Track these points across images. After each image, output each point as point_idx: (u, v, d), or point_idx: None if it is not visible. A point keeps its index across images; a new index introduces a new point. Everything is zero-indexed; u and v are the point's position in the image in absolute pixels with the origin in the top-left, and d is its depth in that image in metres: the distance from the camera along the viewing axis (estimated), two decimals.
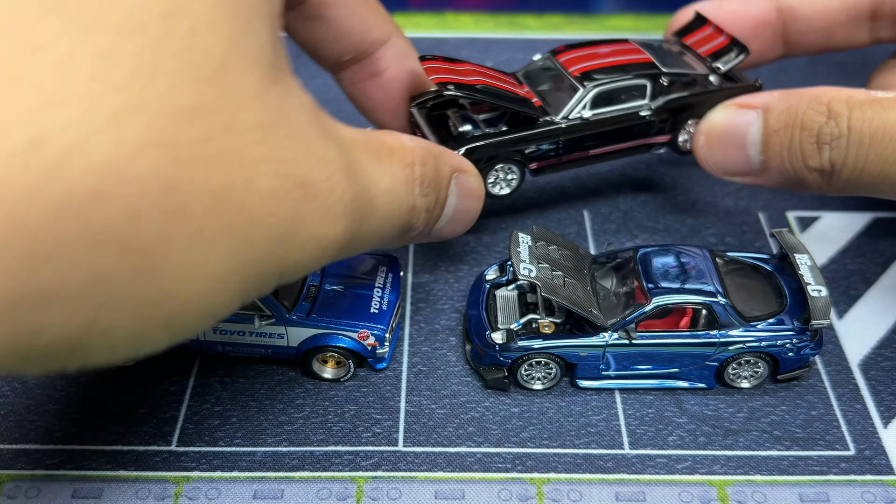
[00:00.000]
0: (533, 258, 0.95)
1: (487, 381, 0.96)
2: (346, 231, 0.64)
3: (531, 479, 0.89)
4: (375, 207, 0.70)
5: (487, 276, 1.03)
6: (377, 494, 0.87)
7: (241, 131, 0.51)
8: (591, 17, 1.66)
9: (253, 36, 0.55)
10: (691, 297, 0.93)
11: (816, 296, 0.92)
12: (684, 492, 0.88)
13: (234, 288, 0.55)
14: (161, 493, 0.87)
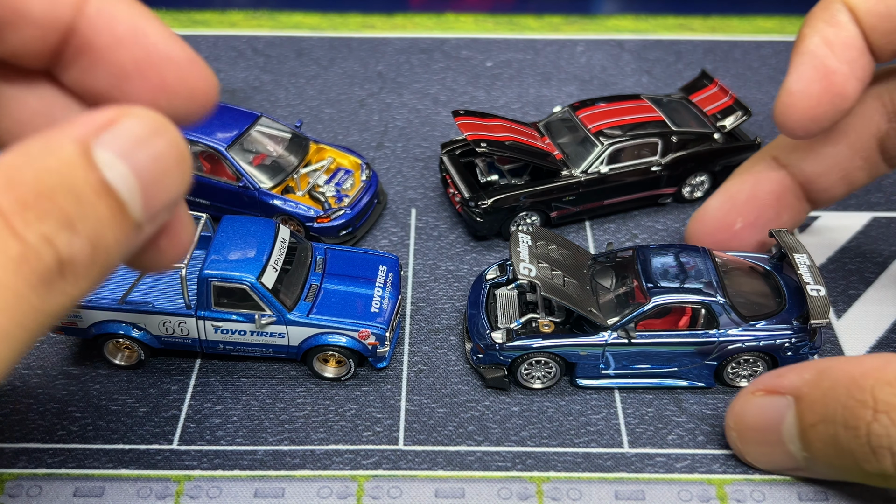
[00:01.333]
0: (533, 257, 0.95)
1: (487, 380, 0.96)
2: None
3: (531, 478, 0.89)
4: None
5: (487, 275, 1.03)
6: (378, 493, 0.87)
7: None
8: (591, 17, 1.66)
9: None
10: (690, 296, 0.93)
11: (815, 295, 0.92)
12: (683, 490, 0.88)
13: None
14: (162, 491, 0.87)
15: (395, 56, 1.55)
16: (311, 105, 1.43)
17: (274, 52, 1.56)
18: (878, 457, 0.72)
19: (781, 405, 0.81)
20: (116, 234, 0.55)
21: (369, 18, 1.65)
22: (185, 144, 0.60)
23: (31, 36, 0.65)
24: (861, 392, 0.73)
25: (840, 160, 0.98)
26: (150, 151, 0.57)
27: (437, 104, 1.43)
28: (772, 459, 0.86)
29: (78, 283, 0.53)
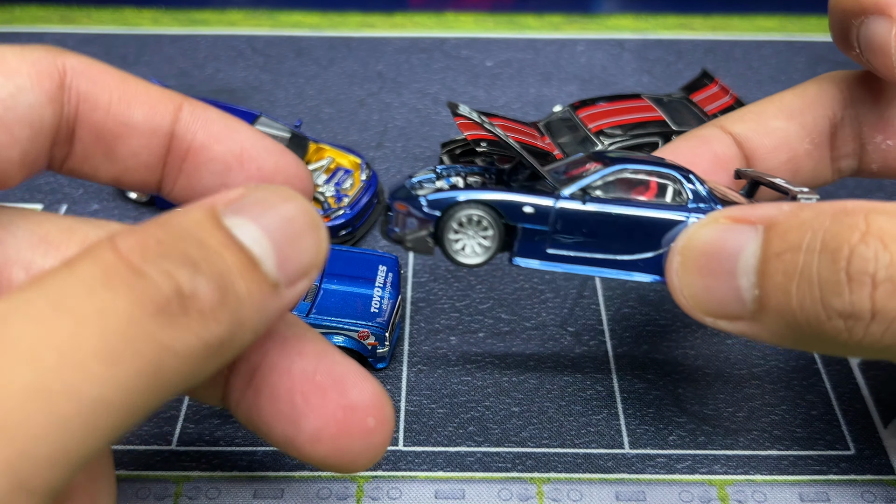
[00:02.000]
0: (478, 113, 0.82)
1: (407, 242, 0.78)
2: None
3: (531, 479, 0.89)
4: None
5: (414, 176, 0.86)
6: (377, 494, 0.87)
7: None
8: (592, 16, 1.66)
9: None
10: (658, 166, 0.79)
11: (809, 199, 0.78)
12: (684, 491, 0.88)
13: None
14: (161, 492, 0.87)
15: (395, 55, 1.55)
16: (310, 104, 1.43)
17: (273, 52, 1.55)
18: (854, 286, 0.61)
19: (746, 233, 0.69)
20: (249, 285, 0.57)
21: (369, 17, 1.65)
22: (317, 214, 0.64)
23: (138, 146, 0.73)
24: (852, 217, 0.62)
25: (790, 139, 0.92)
26: (281, 214, 0.61)
27: (436, 104, 1.43)
28: (713, 296, 0.70)
29: (205, 322, 0.54)
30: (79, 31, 1.61)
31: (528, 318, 1.06)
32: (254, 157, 0.73)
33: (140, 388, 0.51)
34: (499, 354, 1.02)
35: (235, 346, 0.57)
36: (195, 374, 0.55)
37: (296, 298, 0.62)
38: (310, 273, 0.62)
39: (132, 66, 1.51)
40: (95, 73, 0.71)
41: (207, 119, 0.74)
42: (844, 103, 0.92)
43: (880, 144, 0.92)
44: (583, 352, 1.03)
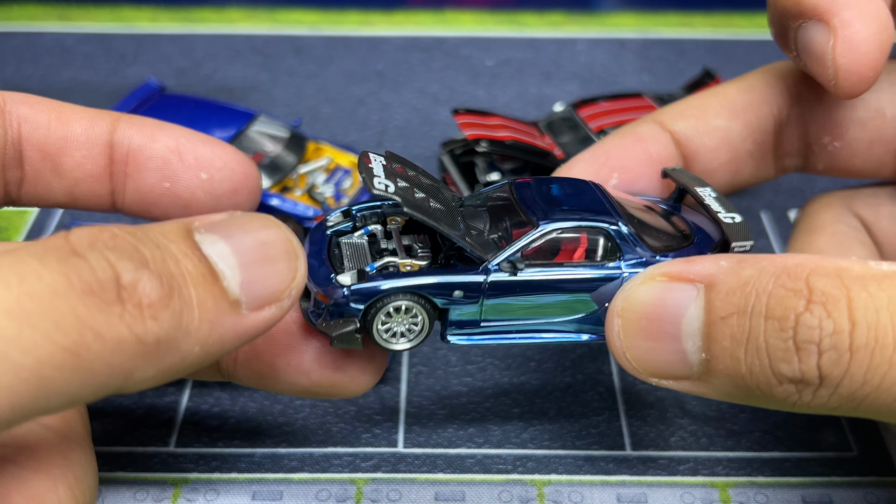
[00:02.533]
0: (389, 174, 0.73)
1: (333, 339, 0.72)
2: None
3: (532, 481, 0.88)
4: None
5: (329, 221, 0.80)
6: (377, 496, 0.87)
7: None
8: (593, 14, 1.65)
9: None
10: (586, 221, 0.74)
11: (731, 222, 0.77)
12: (686, 493, 0.87)
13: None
14: (159, 494, 0.86)
15: (395, 54, 1.54)
16: (309, 104, 1.42)
17: (272, 50, 1.55)
18: (802, 354, 0.61)
19: (687, 293, 0.67)
20: (203, 295, 0.58)
21: (368, 16, 1.64)
22: (299, 245, 0.65)
23: (81, 157, 0.79)
24: (794, 280, 0.62)
25: (731, 138, 0.89)
26: (256, 237, 0.62)
27: (436, 103, 1.42)
28: (659, 359, 0.68)
29: (141, 316, 0.54)
30: (76, 29, 1.60)
31: None
32: (189, 148, 0.80)
33: (56, 361, 0.51)
34: (499, 355, 1.02)
35: (180, 354, 0.57)
36: (129, 370, 0.55)
37: (262, 324, 0.62)
38: (280, 301, 0.62)
39: (130, 65, 1.51)
40: (32, 100, 0.79)
41: (142, 124, 0.81)
42: (791, 101, 0.88)
43: (827, 146, 0.89)
44: (584, 353, 1.02)
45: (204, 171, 0.80)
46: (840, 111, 0.87)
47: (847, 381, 0.61)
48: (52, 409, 0.53)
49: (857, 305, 0.60)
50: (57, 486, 0.63)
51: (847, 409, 0.64)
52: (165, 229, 0.60)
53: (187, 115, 1.18)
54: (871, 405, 0.62)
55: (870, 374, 0.60)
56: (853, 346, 0.60)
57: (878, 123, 0.86)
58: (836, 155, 0.89)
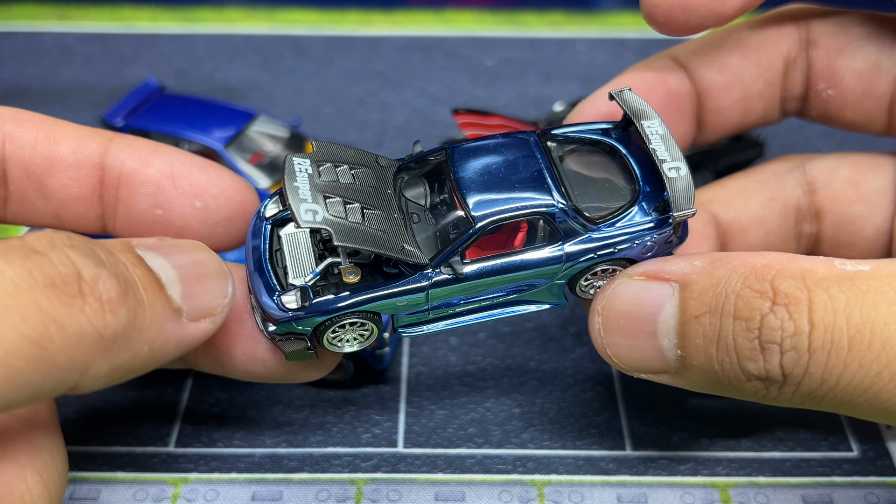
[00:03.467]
0: (316, 192, 0.70)
1: (288, 355, 0.74)
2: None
3: (532, 481, 0.88)
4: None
5: (266, 211, 0.77)
6: (377, 496, 0.86)
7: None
8: (593, 14, 1.65)
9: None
10: (523, 208, 0.72)
11: (674, 176, 0.73)
12: (686, 493, 0.87)
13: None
14: (159, 494, 0.86)
15: (395, 54, 1.54)
16: (309, 103, 1.42)
17: (272, 50, 1.55)
18: (766, 354, 0.64)
19: (663, 292, 0.70)
20: (152, 298, 0.61)
21: (368, 15, 1.64)
22: (227, 269, 0.70)
23: (67, 178, 0.76)
24: (760, 282, 0.65)
25: (743, 76, 0.89)
26: (190, 257, 0.67)
27: (436, 102, 1.42)
28: (637, 355, 0.72)
29: (102, 311, 0.57)
30: (76, 29, 1.60)
31: (529, 319, 1.06)
32: (184, 174, 0.76)
33: (23, 352, 0.52)
34: (499, 356, 1.01)
35: (131, 352, 0.60)
36: (87, 363, 0.57)
37: (199, 335, 0.66)
38: (214, 315, 0.67)
39: (130, 65, 1.51)
40: (24, 117, 0.76)
41: (136, 147, 0.77)
42: (800, 43, 0.89)
43: (822, 92, 0.90)
44: (584, 353, 1.02)
45: (198, 198, 0.77)
46: (839, 59, 0.88)
47: (807, 380, 0.64)
48: (17, 402, 0.55)
49: (816, 308, 0.62)
50: (24, 473, 0.64)
51: (812, 405, 0.67)
52: (110, 243, 0.63)
53: (187, 115, 1.18)
54: (831, 402, 0.65)
55: (827, 373, 0.63)
56: (811, 348, 0.62)
57: (873, 77, 0.87)
58: (830, 103, 0.90)
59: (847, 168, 0.91)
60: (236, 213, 0.78)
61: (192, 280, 0.66)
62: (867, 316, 0.62)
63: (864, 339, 0.61)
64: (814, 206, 0.91)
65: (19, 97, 1.42)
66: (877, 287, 0.63)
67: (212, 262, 0.69)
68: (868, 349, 0.61)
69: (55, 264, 0.56)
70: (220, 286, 0.68)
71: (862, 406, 0.64)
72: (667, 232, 0.75)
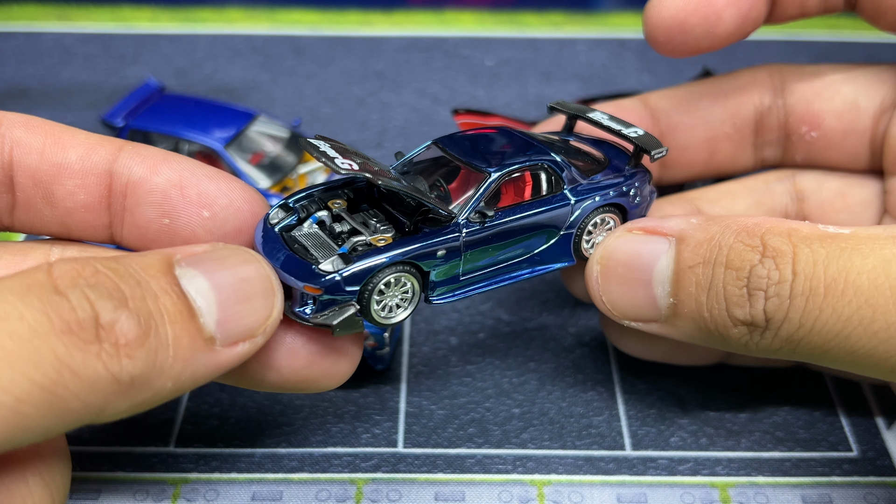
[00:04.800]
0: (343, 153, 0.74)
1: (335, 327, 0.72)
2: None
3: (532, 481, 0.88)
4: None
5: (272, 220, 0.78)
6: (376, 496, 0.86)
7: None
8: (593, 14, 1.65)
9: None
10: (529, 160, 0.79)
11: (636, 135, 0.83)
12: (686, 493, 0.87)
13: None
14: (159, 494, 0.86)
15: (395, 54, 1.54)
16: (309, 104, 1.42)
17: (272, 50, 1.55)
18: (753, 300, 0.70)
19: (660, 245, 0.76)
20: (178, 332, 0.60)
21: (368, 16, 1.64)
22: (276, 283, 0.67)
23: (74, 186, 0.75)
24: (751, 237, 0.71)
25: (710, 118, 0.95)
26: (236, 274, 0.65)
27: (436, 103, 1.42)
28: (631, 302, 0.77)
29: (118, 356, 0.56)
30: (76, 29, 1.60)
31: (529, 319, 1.06)
32: (193, 183, 0.74)
33: (34, 399, 0.52)
34: (499, 356, 1.01)
35: (152, 390, 0.59)
36: (102, 406, 0.56)
37: (235, 359, 0.64)
38: (254, 337, 0.65)
39: (130, 65, 1.51)
40: (33, 123, 0.74)
41: (145, 155, 0.76)
42: (773, 92, 0.94)
43: (805, 135, 0.94)
44: (584, 353, 1.02)
45: (206, 208, 0.74)
46: (817, 103, 0.93)
47: (786, 324, 0.70)
48: (27, 442, 0.54)
49: (799, 259, 0.69)
50: (26, 476, 0.63)
51: (787, 352, 0.72)
52: (146, 262, 0.61)
53: (187, 115, 1.18)
54: (805, 348, 0.70)
55: (804, 318, 0.69)
56: (792, 294, 0.69)
57: (853, 115, 0.92)
58: (813, 145, 0.94)
59: (835, 180, 0.95)
60: (245, 225, 0.76)
61: (234, 302, 0.63)
62: (843, 267, 0.68)
63: (839, 287, 0.68)
64: (801, 215, 0.95)
65: (19, 97, 1.42)
66: (854, 245, 0.69)
67: (259, 277, 0.66)
68: (841, 296, 0.68)
69: (74, 308, 0.55)
70: (264, 305, 0.66)
71: (833, 351, 0.70)
72: (646, 177, 0.85)
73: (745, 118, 0.95)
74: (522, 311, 1.07)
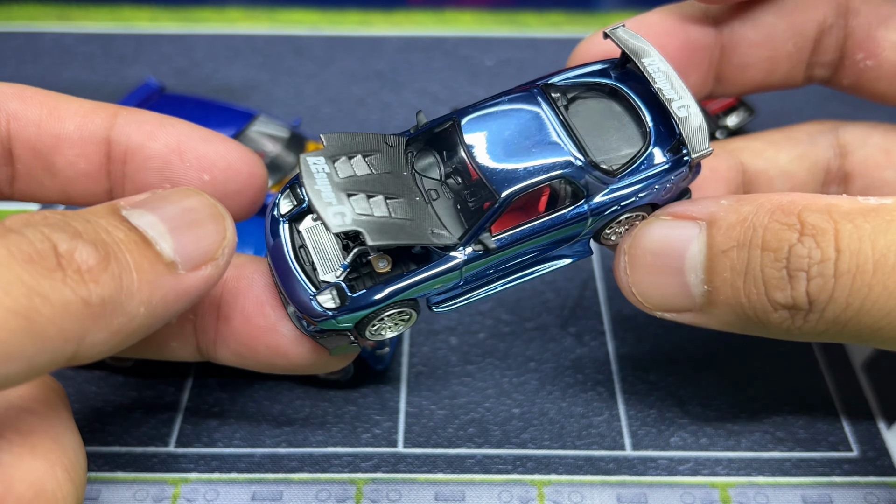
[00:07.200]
0: (339, 192, 0.69)
1: (332, 351, 0.77)
2: None
3: (532, 481, 0.88)
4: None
5: (280, 208, 0.76)
6: (376, 496, 0.86)
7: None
8: (593, 14, 1.65)
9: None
10: (543, 173, 0.71)
11: (685, 115, 0.72)
12: (686, 493, 0.87)
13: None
14: (159, 494, 0.86)
15: (395, 54, 1.54)
16: (309, 104, 1.42)
17: (272, 50, 1.55)
18: (794, 282, 0.66)
19: (690, 230, 0.72)
20: (138, 259, 0.61)
21: (368, 15, 1.64)
22: (221, 206, 0.68)
23: (74, 155, 0.76)
24: (787, 216, 0.67)
25: (775, 35, 0.89)
26: (180, 205, 0.66)
27: (436, 103, 1.42)
28: (663, 292, 0.74)
29: (83, 280, 0.57)
30: (76, 29, 1.60)
31: (529, 319, 1.06)
32: (191, 147, 0.76)
33: (10, 325, 0.53)
34: (499, 356, 1.01)
35: (126, 315, 0.59)
36: (81, 333, 0.57)
37: (202, 283, 0.65)
38: (215, 260, 0.66)
39: (130, 65, 1.51)
40: (27, 94, 0.75)
41: (141, 121, 0.76)
42: (838, 10, 0.89)
43: (859, 62, 0.90)
44: (584, 353, 1.02)
45: (206, 172, 0.76)
46: (880, 31, 0.88)
47: (832, 305, 0.66)
48: (13, 375, 0.55)
49: (842, 236, 0.65)
50: (55, 470, 0.64)
51: (833, 334, 0.69)
52: (93, 209, 0.63)
53: (187, 115, 1.18)
54: (854, 329, 0.67)
55: (851, 297, 0.65)
56: (837, 273, 0.65)
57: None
58: (865, 73, 0.90)
59: (879, 135, 0.91)
60: (244, 186, 0.78)
61: (184, 229, 0.65)
62: (892, 240, 0.64)
63: (889, 261, 0.64)
64: (843, 169, 0.91)
65: None
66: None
67: (203, 206, 0.67)
68: (893, 270, 0.63)
69: (32, 241, 0.56)
70: (216, 229, 0.67)
71: (885, 330, 0.66)
72: (683, 171, 0.75)
73: (807, 37, 0.89)
74: (522, 311, 1.07)
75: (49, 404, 0.69)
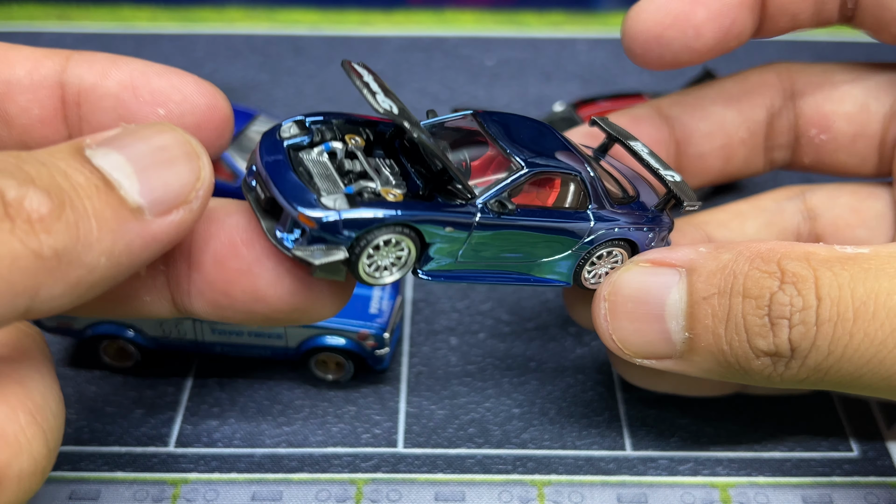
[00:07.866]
0: (386, 93, 0.69)
1: (316, 268, 0.66)
2: None
3: (532, 481, 0.88)
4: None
5: (283, 132, 0.74)
6: (377, 496, 0.86)
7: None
8: (593, 14, 1.65)
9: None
10: (564, 166, 0.74)
11: (673, 180, 0.79)
12: (686, 493, 0.87)
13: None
14: (159, 494, 0.86)
15: (395, 54, 1.54)
16: (309, 103, 1.42)
17: (272, 50, 1.55)
18: (776, 329, 0.67)
19: (670, 277, 0.72)
20: (98, 205, 0.57)
21: (368, 15, 1.64)
22: (198, 144, 0.64)
23: (27, 101, 0.73)
24: (767, 263, 0.68)
25: (725, 123, 0.92)
26: (151, 143, 0.62)
27: (436, 103, 1.42)
28: (643, 339, 0.73)
29: (33, 231, 0.54)
30: (76, 29, 1.60)
31: (529, 319, 1.06)
32: (144, 83, 0.72)
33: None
34: (499, 356, 1.01)
35: (85, 266, 0.56)
36: (34, 287, 0.54)
37: (172, 229, 0.61)
38: (188, 203, 0.62)
39: None
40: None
41: (93, 60, 0.73)
42: (783, 94, 0.93)
43: (814, 138, 0.93)
44: (584, 353, 1.02)
45: (161, 106, 0.72)
46: (827, 105, 0.91)
47: (814, 352, 0.66)
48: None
49: (822, 283, 0.66)
50: (17, 414, 0.62)
51: (815, 381, 0.69)
52: (53, 149, 0.59)
53: None
54: (835, 376, 0.67)
55: (833, 345, 0.66)
56: (819, 321, 0.66)
57: (863, 118, 0.90)
58: (823, 148, 0.93)
59: (846, 195, 0.93)
60: (204, 119, 0.73)
61: (153, 170, 0.60)
62: (870, 289, 0.65)
63: (869, 309, 0.65)
64: (814, 233, 0.92)
65: None
66: (877, 265, 0.66)
67: (177, 143, 0.63)
68: (872, 319, 0.64)
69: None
70: (189, 168, 0.62)
71: (865, 377, 0.66)
72: (668, 224, 0.79)
73: (758, 122, 0.93)
74: (523, 311, 1.07)
75: (19, 349, 0.67)
